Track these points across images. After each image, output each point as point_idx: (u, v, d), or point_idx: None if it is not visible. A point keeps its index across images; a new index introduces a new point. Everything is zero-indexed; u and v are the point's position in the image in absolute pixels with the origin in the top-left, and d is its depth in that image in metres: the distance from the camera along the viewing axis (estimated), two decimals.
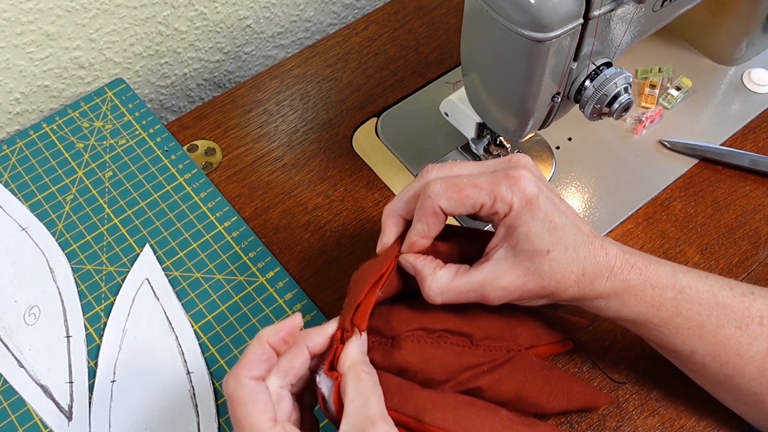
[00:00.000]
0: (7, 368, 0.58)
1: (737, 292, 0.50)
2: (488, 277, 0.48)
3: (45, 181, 0.67)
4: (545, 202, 0.47)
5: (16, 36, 0.67)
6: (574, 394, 0.53)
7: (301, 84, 0.74)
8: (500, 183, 0.47)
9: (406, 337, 0.49)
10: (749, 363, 0.48)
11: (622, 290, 0.48)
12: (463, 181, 0.47)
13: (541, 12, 0.45)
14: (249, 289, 0.61)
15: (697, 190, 0.66)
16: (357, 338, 0.46)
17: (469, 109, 0.60)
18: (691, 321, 0.49)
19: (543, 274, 0.47)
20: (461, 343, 0.50)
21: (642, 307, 0.49)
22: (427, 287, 0.48)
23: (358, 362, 0.45)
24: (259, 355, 0.43)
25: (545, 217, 0.46)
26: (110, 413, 0.55)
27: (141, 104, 0.72)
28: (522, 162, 0.49)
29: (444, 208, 0.47)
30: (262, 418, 0.41)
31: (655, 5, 0.53)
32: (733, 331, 0.48)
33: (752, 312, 0.49)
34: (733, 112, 0.71)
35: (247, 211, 0.66)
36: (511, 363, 0.51)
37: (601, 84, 0.52)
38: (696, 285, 0.49)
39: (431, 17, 0.79)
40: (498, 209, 0.47)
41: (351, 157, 0.69)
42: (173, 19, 0.76)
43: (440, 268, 0.48)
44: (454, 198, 0.47)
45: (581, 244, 0.47)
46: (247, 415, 0.41)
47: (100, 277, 0.62)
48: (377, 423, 0.41)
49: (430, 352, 0.49)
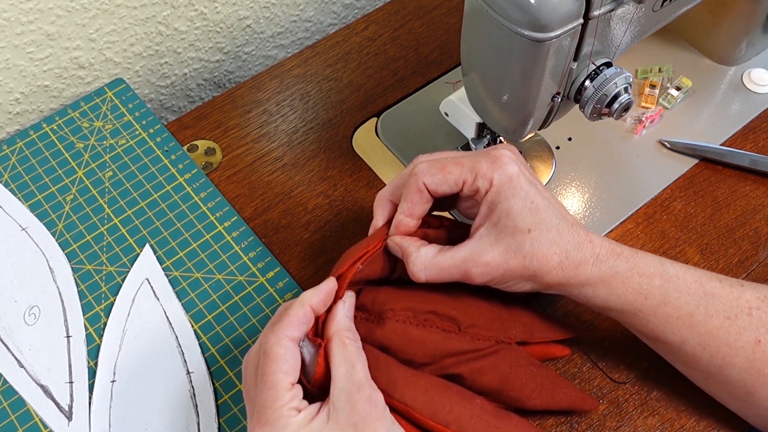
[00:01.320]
0: (7, 368, 0.58)
1: (726, 283, 0.50)
2: (471, 253, 0.49)
3: (45, 181, 0.67)
4: (526, 183, 0.48)
5: (16, 36, 0.67)
6: (559, 395, 0.53)
7: (301, 84, 0.74)
8: (481, 161, 0.49)
9: (392, 316, 0.50)
10: (738, 353, 0.49)
11: (609, 277, 0.49)
12: (446, 159, 0.50)
13: (541, 12, 0.45)
14: (249, 289, 0.61)
15: (697, 190, 0.66)
16: (342, 305, 0.48)
17: (469, 109, 0.60)
18: (680, 310, 0.49)
19: (525, 252, 0.48)
20: (448, 328, 0.51)
21: (630, 295, 0.49)
22: (411, 263, 0.49)
23: (342, 328, 0.47)
24: (301, 316, 0.46)
25: (526, 196, 0.48)
26: (110, 413, 0.55)
27: (141, 104, 0.72)
28: (504, 146, 0.51)
29: (428, 184, 0.49)
30: (286, 378, 0.44)
31: (655, 5, 0.53)
32: (722, 321, 0.49)
33: (741, 303, 0.49)
34: (733, 112, 0.71)
35: (247, 211, 0.66)
36: (498, 355, 0.51)
37: (601, 84, 0.52)
38: (684, 275, 0.50)
39: (431, 17, 0.79)
40: (479, 185, 0.48)
41: (351, 157, 0.69)
42: (173, 19, 0.76)
43: (424, 246, 0.50)
44: (438, 175, 0.49)
45: (565, 229, 0.48)
46: (275, 371, 0.44)
47: (100, 277, 0.62)
48: (363, 387, 0.44)
49: (413, 334, 0.50)
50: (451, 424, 0.47)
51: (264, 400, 0.43)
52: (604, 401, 0.56)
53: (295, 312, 0.46)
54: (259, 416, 0.43)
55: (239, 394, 0.56)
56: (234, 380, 0.57)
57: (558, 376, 0.54)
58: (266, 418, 0.43)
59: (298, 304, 0.46)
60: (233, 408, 0.56)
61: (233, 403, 0.56)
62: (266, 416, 0.43)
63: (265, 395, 0.43)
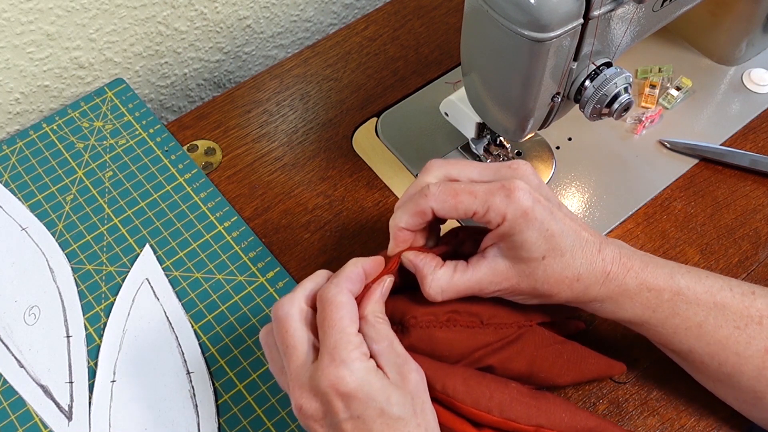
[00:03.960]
0: (7, 368, 0.58)
1: (737, 292, 0.50)
2: (485, 275, 0.49)
3: (45, 181, 0.67)
4: (541, 212, 0.47)
5: (16, 36, 0.67)
6: (587, 366, 0.53)
7: (301, 84, 0.74)
8: (495, 193, 0.47)
9: (414, 323, 0.50)
10: (748, 362, 0.48)
11: (618, 294, 0.49)
12: (460, 187, 0.48)
13: (541, 12, 0.45)
14: (249, 289, 0.61)
15: (697, 190, 0.66)
16: (379, 287, 0.49)
17: (469, 109, 0.60)
18: (689, 321, 0.49)
19: (537, 277, 0.48)
20: (471, 324, 0.51)
21: (638, 309, 0.49)
22: (427, 285, 0.49)
23: (370, 312, 0.47)
24: (357, 273, 0.48)
25: (541, 226, 0.47)
26: (110, 413, 0.55)
27: (141, 104, 0.72)
28: (521, 171, 0.49)
29: (435, 210, 0.48)
30: (351, 324, 0.45)
31: (655, 5, 0.53)
32: (731, 331, 0.49)
33: (752, 312, 0.49)
34: (733, 112, 0.70)
35: (247, 211, 0.66)
36: (522, 339, 0.52)
37: (601, 84, 0.52)
38: (694, 286, 0.49)
39: (431, 17, 0.79)
40: (491, 219, 0.47)
41: (351, 157, 0.69)
42: (173, 19, 0.76)
43: (440, 267, 0.49)
44: (449, 202, 0.48)
45: (578, 250, 0.48)
46: (341, 317, 0.45)
47: (100, 277, 0.62)
48: (408, 360, 0.46)
49: (439, 336, 0.50)
50: (494, 410, 0.48)
51: (335, 342, 0.44)
52: (604, 401, 0.56)
53: (351, 270, 0.48)
54: (332, 357, 0.43)
55: (239, 394, 0.56)
56: (234, 380, 0.57)
57: (582, 348, 0.54)
58: (341, 357, 0.43)
59: (351, 264, 0.48)
60: (233, 408, 0.56)
61: (233, 403, 0.56)
62: (341, 356, 0.43)
63: (336, 338, 0.44)
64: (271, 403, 0.56)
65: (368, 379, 0.43)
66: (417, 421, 0.44)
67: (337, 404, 0.43)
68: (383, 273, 0.50)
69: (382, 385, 0.44)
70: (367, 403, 0.43)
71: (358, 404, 0.43)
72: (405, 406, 0.44)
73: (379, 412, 0.43)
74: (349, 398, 0.43)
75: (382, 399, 0.43)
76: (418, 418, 0.44)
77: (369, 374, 0.44)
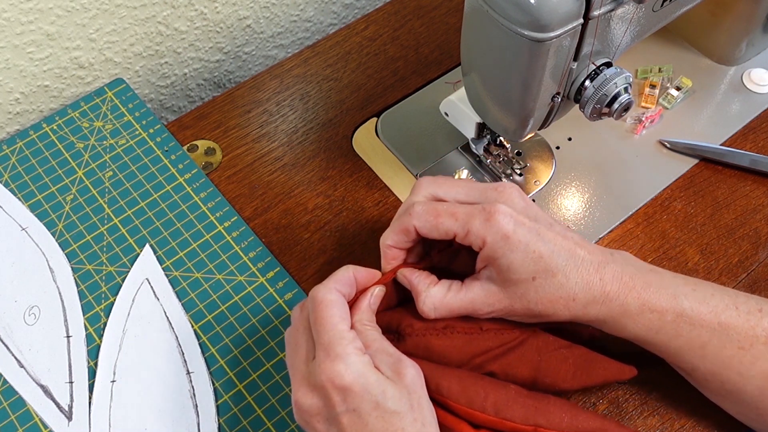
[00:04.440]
0: (7, 368, 0.58)
1: (743, 310, 0.49)
2: (478, 296, 0.49)
3: (45, 181, 0.67)
4: (525, 234, 0.47)
5: (16, 36, 0.67)
6: (596, 370, 0.52)
7: (301, 84, 0.74)
8: (476, 216, 0.47)
9: (411, 332, 0.50)
10: (750, 382, 0.48)
11: (619, 314, 0.48)
12: (442, 208, 0.49)
13: (541, 12, 0.45)
14: (249, 289, 0.61)
15: (697, 190, 0.66)
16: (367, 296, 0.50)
17: (469, 109, 0.60)
18: (692, 342, 0.48)
19: (529, 299, 0.48)
20: (470, 331, 0.50)
21: (640, 330, 0.49)
22: (421, 302, 0.50)
23: (357, 320, 0.48)
24: (348, 277, 0.49)
25: (526, 248, 0.47)
26: (110, 413, 0.55)
27: (141, 104, 0.72)
28: (506, 194, 0.49)
29: (418, 228, 0.49)
30: (342, 321, 0.46)
31: (655, 5, 0.53)
32: (735, 352, 0.48)
33: (757, 332, 0.48)
34: (733, 112, 0.70)
35: (247, 211, 0.66)
36: (525, 344, 0.51)
37: (601, 84, 0.52)
38: (698, 307, 0.48)
39: (431, 17, 0.79)
40: (472, 242, 0.48)
41: (351, 157, 0.69)
42: (173, 19, 0.76)
43: (434, 285, 0.50)
44: (430, 222, 0.49)
45: (572, 270, 0.47)
46: (331, 315, 0.46)
47: (100, 277, 0.62)
48: (402, 358, 0.46)
49: (435, 345, 0.50)
50: (488, 409, 0.48)
51: (329, 339, 0.45)
52: (604, 401, 0.56)
53: (341, 273, 0.49)
54: (327, 353, 0.44)
55: (239, 394, 0.56)
56: (234, 380, 0.57)
57: (591, 352, 0.53)
58: (336, 352, 0.44)
59: (342, 269, 0.49)
60: (233, 408, 0.56)
61: (233, 403, 0.56)
62: (336, 351, 0.44)
63: (329, 336, 0.45)
64: (271, 403, 0.56)
65: (364, 373, 0.44)
66: (414, 416, 0.44)
67: (335, 398, 0.44)
68: (375, 285, 0.51)
69: (378, 379, 0.44)
70: (363, 396, 0.43)
71: (354, 397, 0.43)
72: (401, 401, 0.44)
73: (374, 405, 0.43)
74: (345, 391, 0.43)
75: (377, 392, 0.44)
76: (414, 413, 0.44)
77: (365, 368, 0.44)
